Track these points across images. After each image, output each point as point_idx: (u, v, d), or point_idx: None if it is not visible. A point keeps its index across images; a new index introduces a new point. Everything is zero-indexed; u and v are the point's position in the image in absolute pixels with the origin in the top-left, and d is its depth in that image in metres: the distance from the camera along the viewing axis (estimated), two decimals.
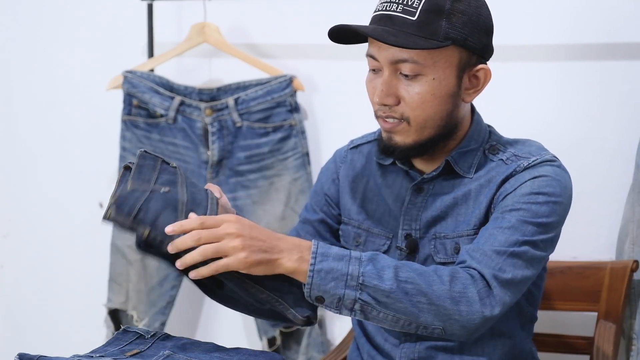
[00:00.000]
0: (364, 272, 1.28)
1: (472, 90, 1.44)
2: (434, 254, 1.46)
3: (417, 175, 1.50)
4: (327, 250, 1.30)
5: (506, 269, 1.33)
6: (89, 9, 2.55)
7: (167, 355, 1.29)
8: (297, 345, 2.30)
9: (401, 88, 1.39)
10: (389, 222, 1.53)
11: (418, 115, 1.40)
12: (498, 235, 1.36)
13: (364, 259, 1.30)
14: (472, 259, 1.34)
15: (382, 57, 1.39)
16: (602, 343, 1.75)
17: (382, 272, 1.29)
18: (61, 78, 2.60)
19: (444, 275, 1.31)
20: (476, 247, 1.36)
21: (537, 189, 1.39)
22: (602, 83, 2.00)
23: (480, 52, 1.41)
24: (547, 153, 1.45)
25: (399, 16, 1.36)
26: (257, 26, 2.36)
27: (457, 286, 1.30)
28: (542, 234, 1.38)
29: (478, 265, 1.33)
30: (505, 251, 1.34)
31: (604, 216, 1.98)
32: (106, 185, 2.56)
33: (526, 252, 1.36)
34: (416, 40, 1.34)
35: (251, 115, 2.27)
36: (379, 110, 1.42)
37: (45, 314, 2.73)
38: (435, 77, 1.38)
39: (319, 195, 1.63)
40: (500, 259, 1.33)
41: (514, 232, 1.36)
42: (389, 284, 1.28)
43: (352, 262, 1.29)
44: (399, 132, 1.42)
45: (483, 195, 1.44)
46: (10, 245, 2.76)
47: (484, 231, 1.39)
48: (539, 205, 1.38)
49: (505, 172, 1.43)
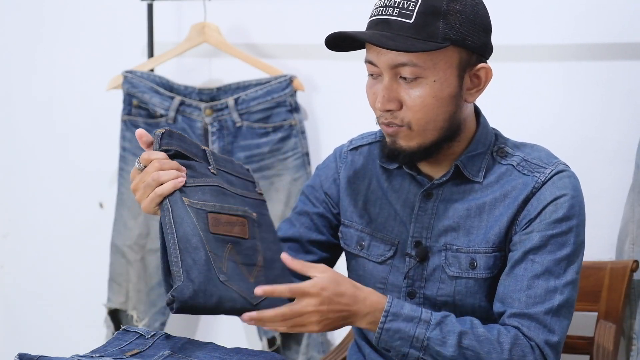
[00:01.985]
0: (430, 336, 1.36)
1: (474, 90, 1.43)
2: (446, 266, 1.46)
3: (425, 180, 1.49)
4: (399, 310, 1.37)
5: (555, 329, 1.38)
6: (89, 9, 2.55)
7: (167, 355, 1.29)
8: (297, 345, 2.30)
9: (402, 92, 1.38)
10: (394, 227, 1.52)
11: (420, 119, 1.39)
12: (536, 288, 1.38)
13: (433, 322, 1.37)
14: (523, 327, 1.38)
15: (381, 62, 1.38)
16: (602, 343, 1.75)
17: (447, 338, 1.35)
18: (61, 78, 2.61)
19: (505, 343, 1.36)
20: (521, 310, 1.38)
21: (560, 215, 1.40)
22: (603, 83, 2.00)
23: (480, 51, 1.40)
24: (559, 161, 1.46)
25: (396, 20, 1.35)
26: (257, 26, 2.36)
27: (516, 355, 1.36)
28: (574, 264, 1.41)
29: (530, 333, 1.37)
30: (551, 309, 1.38)
31: (604, 216, 1.98)
32: (106, 185, 2.56)
33: (568, 298, 1.39)
34: (414, 43, 1.33)
35: (251, 115, 2.27)
36: (381, 116, 1.41)
37: (45, 314, 2.73)
38: (436, 79, 1.37)
39: (317, 191, 1.61)
40: (548, 319, 1.38)
41: (549, 278, 1.39)
42: (451, 350, 1.35)
43: (420, 325, 1.36)
44: (402, 137, 1.41)
45: (499, 210, 1.44)
46: (10, 245, 2.76)
47: (519, 278, 1.40)
48: (564, 236, 1.40)
49: (524, 190, 1.43)
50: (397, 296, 1.49)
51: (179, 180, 1.32)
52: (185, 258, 1.28)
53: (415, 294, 1.48)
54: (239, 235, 1.37)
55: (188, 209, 1.31)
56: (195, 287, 1.26)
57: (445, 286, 1.45)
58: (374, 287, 1.52)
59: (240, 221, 1.39)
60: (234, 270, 1.34)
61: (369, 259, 1.53)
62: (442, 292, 1.46)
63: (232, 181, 1.44)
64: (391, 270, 1.51)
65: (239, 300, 1.31)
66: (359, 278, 1.55)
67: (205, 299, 1.27)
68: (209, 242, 1.32)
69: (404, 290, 1.49)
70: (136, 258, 2.37)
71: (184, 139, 1.38)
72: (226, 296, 1.29)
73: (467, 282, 1.44)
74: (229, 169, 1.46)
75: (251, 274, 1.37)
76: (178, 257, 1.28)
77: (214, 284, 1.29)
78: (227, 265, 1.33)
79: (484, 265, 1.43)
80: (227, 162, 1.47)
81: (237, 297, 1.31)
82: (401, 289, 1.49)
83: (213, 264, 1.30)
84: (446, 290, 1.45)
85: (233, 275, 1.33)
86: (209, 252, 1.30)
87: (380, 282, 1.52)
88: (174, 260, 1.28)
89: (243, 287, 1.33)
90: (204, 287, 1.27)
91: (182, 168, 1.34)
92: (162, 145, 1.34)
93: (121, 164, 2.38)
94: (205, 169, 1.39)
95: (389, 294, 1.49)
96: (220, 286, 1.29)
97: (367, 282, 1.53)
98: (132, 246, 2.37)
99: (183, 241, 1.29)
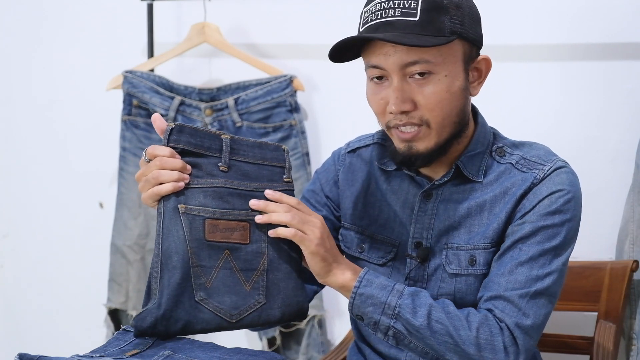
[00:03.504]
0: (401, 304, 1.37)
1: (476, 82, 1.44)
2: (446, 264, 1.46)
3: (424, 181, 1.49)
4: (373, 278, 1.40)
5: (529, 313, 1.37)
6: (89, 9, 2.55)
7: (167, 355, 1.28)
8: (297, 345, 2.30)
9: (415, 92, 1.37)
10: (394, 229, 1.52)
11: (437, 115, 1.38)
12: (518, 274, 1.38)
13: (406, 292, 1.38)
14: (495, 308, 1.38)
15: (389, 64, 1.36)
16: (602, 343, 1.75)
17: (418, 309, 1.36)
18: (61, 78, 2.61)
19: (474, 322, 1.36)
20: (498, 292, 1.38)
21: (553, 208, 1.39)
22: (603, 83, 2.00)
23: (478, 43, 1.42)
24: (557, 158, 1.45)
25: (400, 20, 1.34)
26: (257, 26, 2.36)
27: (484, 334, 1.35)
28: (560, 256, 1.40)
29: (502, 314, 1.37)
30: (527, 293, 1.37)
31: (604, 216, 1.98)
32: (106, 185, 2.56)
33: (548, 287, 1.38)
34: (427, 39, 1.33)
35: (251, 115, 2.27)
36: (395, 119, 1.39)
37: (45, 314, 2.73)
38: (447, 74, 1.37)
39: (318, 194, 1.61)
40: (523, 302, 1.37)
41: (532, 266, 1.38)
42: (420, 320, 1.36)
43: (393, 293, 1.38)
44: (421, 138, 1.40)
45: (499, 207, 1.43)
46: (10, 245, 2.77)
47: (503, 264, 1.39)
48: (555, 228, 1.39)
49: (522, 185, 1.42)
50: None
51: (179, 184, 1.32)
52: (164, 276, 1.30)
53: None
54: (238, 241, 1.36)
55: (182, 217, 1.31)
56: (159, 315, 1.28)
57: (445, 285, 1.45)
58: None
59: (241, 226, 1.37)
60: (223, 281, 1.34)
61: (370, 261, 1.53)
62: (443, 290, 1.46)
63: (248, 173, 1.40)
64: (392, 272, 1.50)
65: (214, 320, 1.33)
66: None
67: (167, 326, 1.29)
68: (200, 253, 1.32)
69: None
70: (136, 258, 2.37)
71: (195, 133, 1.35)
72: (196, 319, 1.31)
73: (467, 278, 1.44)
74: (251, 157, 1.41)
75: (249, 280, 1.37)
76: (158, 273, 1.30)
77: (184, 308, 1.30)
78: (216, 276, 1.33)
79: (483, 261, 1.43)
80: (254, 148, 1.42)
81: (211, 317, 1.32)
82: None
83: (193, 281, 1.31)
84: (447, 289, 1.45)
85: (219, 287, 1.33)
86: (191, 269, 1.31)
87: None
88: (154, 275, 1.30)
89: (225, 301, 1.34)
90: (170, 313, 1.29)
91: (186, 167, 1.33)
92: (170, 141, 1.33)
93: (121, 164, 2.38)
94: (215, 166, 1.37)
95: None
96: (190, 309, 1.31)
97: None
98: (132, 246, 2.37)
99: (165, 256, 1.30)
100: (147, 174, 1.32)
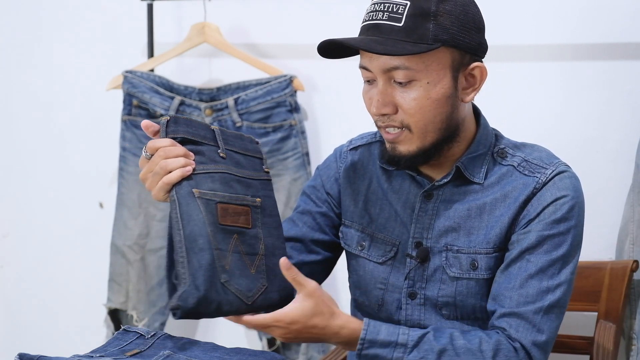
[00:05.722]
0: (408, 359, 1.36)
1: (469, 89, 1.43)
2: (447, 267, 1.46)
3: (425, 181, 1.49)
4: (374, 337, 1.37)
5: (544, 329, 1.38)
6: (89, 9, 2.55)
7: (167, 355, 1.28)
8: (297, 345, 2.30)
9: (397, 96, 1.38)
10: (394, 228, 1.52)
11: (418, 121, 1.39)
12: (529, 287, 1.38)
13: (410, 344, 1.37)
14: (510, 327, 1.38)
15: (374, 67, 1.38)
16: (602, 343, 1.75)
17: (426, 358, 1.36)
18: (61, 78, 2.61)
19: (487, 351, 1.36)
20: (511, 309, 1.38)
21: (559, 216, 1.40)
22: (603, 83, 2.00)
23: (473, 50, 1.40)
24: (559, 162, 1.45)
25: (386, 24, 1.35)
26: (257, 26, 2.36)
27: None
28: (569, 264, 1.41)
29: (517, 334, 1.37)
30: (541, 308, 1.38)
31: (604, 216, 1.98)
32: (106, 185, 2.56)
33: (559, 299, 1.39)
34: (404, 46, 1.33)
35: (251, 115, 2.27)
36: (378, 120, 1.42)
37: (45, 314, 2.73)
38: (430, 81, 1.37)
39: (319, 190, 1.61)
40: (537, 318, 1.38)
41: (542, 278, 1.38)
42: None
43: (397, 349, 1.37)
44: (402, 141, 1.41)
45: (499, 211, 1.43)
46: (10, 245, 2.76)
47: (512, 277, 1.40)
48: (561, 236, 1.40)
49: (525, 190, 1.42)
50: (398, 297, 1.49)
51: (187, 168, 1.32)
52: (192, 259, 1.28)
53: (416, 295, 1.48)
54: (244, 225, 1.37)
55: (198, 201, 1.31)
56: (200, 295, 1.26)
57: (446, 287, 1.45)
58: (374, 287, 1.52)
59: (245, 210, 1.38)
60: (236, 264, 1.34)
61: (370, 259, 1.53)
62: (443, 292, 1.46)
63: (240, 162, 1.43)
64: (392, 271, 1.51)
65: (235, 302, 1.32)
66: (359, 278, 1.55)
67: (206, 306, 1.28)
68: (217, 236, 1.31)
69: (405, 291, 1.49)
70: (136, 258, 2.37)
71: (191, 123, 1.37)
72: (224, 300, 1.30)
73: (468, 282, 1.44)
74: (237, 147, 1.44)
75: (253, 264, 1.37)
76: (185, 257, 1.28)
77: (216, 290, 1.29)
78: (230, 259, 1.33)
79: (485, 265, 1.43)
80: (237, 139, 1.45)
81: (234, 299, 1.32)
82: (402, 289, 1.49)
83: (217, 263, 1.30)
84: (447, 291, 1.45)
85: (234, 270, 1.33)
86: (214, 251, 1.30)
87: (380, 282, 1.52)
88: (180, 260, 1.28)
89: (242, 283, 1.33)
90: (207, 294, 1.27)
91: (190, 154, 1.34)
92: (169, 133, 1.33)
93: (121, 164, 2.38)
94: (215, 152, 1.38)
95: (390, 294, 1.50)
96: (221, 290, 1.30)
97: (367, 283, 1.53)
98: (132, 246, 2.37)
99: (190, 240, 1.29)
100: (153, 168, 1.32)
